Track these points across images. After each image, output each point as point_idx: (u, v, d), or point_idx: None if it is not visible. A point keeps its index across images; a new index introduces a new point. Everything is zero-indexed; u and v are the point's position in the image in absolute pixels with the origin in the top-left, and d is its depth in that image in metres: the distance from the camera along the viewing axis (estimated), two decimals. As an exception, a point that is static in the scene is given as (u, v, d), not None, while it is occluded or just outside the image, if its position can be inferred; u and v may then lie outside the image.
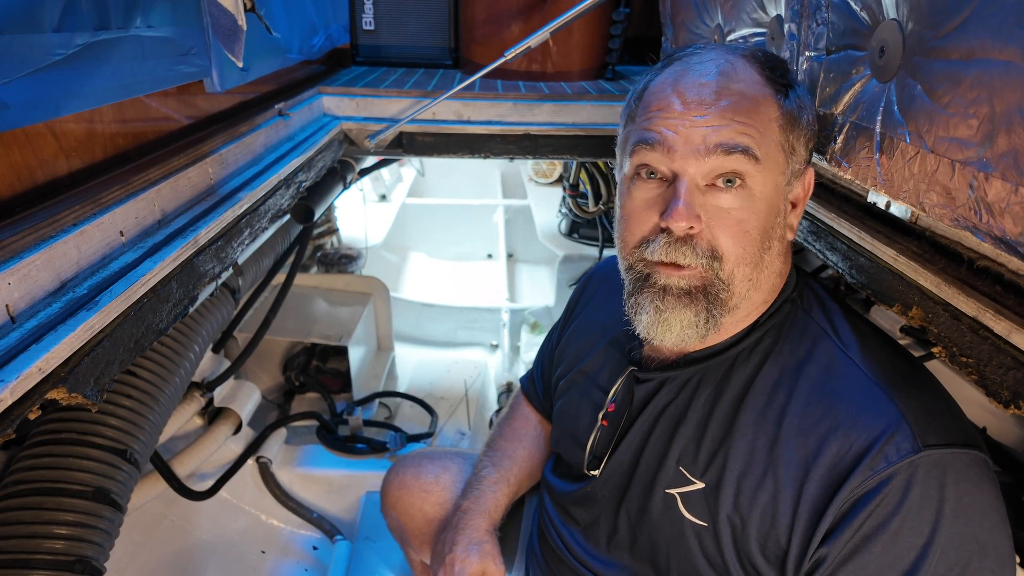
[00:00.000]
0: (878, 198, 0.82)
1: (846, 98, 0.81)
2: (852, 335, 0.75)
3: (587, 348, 1.01)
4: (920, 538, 0.62)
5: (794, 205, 0.78)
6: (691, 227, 0.70)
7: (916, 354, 0.94)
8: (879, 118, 0.73)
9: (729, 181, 0.70)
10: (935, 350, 0.71)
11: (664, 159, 0.72)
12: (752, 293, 0.76)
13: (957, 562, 0.62)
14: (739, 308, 0.76)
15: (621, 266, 0.80)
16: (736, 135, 0.69)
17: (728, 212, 0.71)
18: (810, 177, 0.78)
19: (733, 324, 0.80)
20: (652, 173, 0.74)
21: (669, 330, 0.75)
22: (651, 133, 0.73)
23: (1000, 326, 0.62)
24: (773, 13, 1.04)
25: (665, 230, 0.72)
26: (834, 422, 0.68)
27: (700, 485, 0.77)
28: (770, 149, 0.71)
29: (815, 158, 0.91)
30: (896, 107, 0.70)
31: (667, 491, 0.80)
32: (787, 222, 0.77)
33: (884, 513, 0.63)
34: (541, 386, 1.17)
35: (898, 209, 0.79)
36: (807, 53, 0.91)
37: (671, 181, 0.72)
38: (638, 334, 0.79)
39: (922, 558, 0.62)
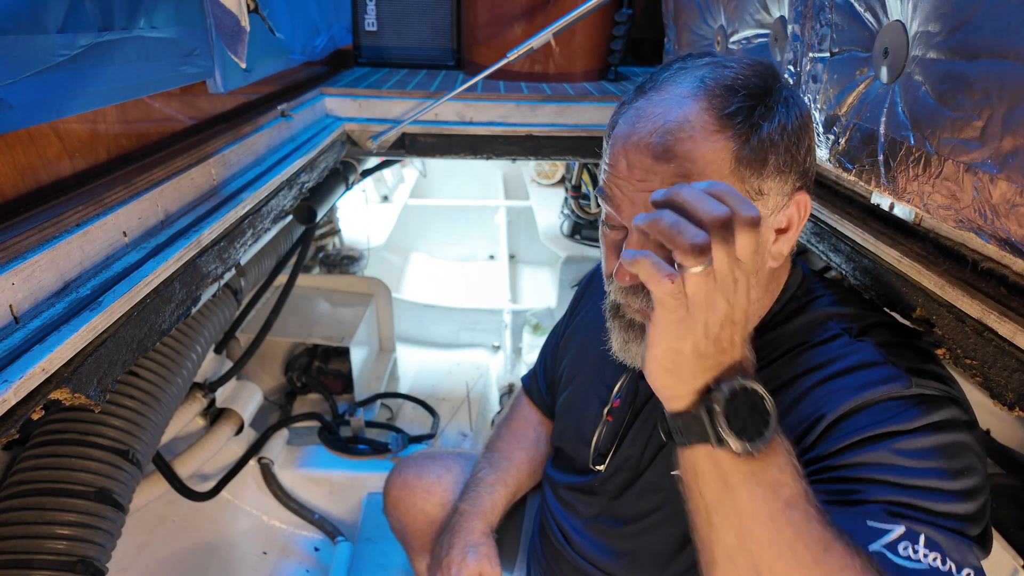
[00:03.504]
0: (882, 199, 0.82)
1: (850, 99, 0.81)
2: (856, 321, 0.75)
3: (591, 343, 1.01)
4: (914, 429, 0.62)
5: (784, 231, 0.73)
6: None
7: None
8: (883, 119, 0.73)
9: None
10: (939, 352, 0.71)
11: (615, 214, 0.73)
12: None
13: (934, 460, 0.61)
14: None
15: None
16: None
17: None
18: (802, 202, 0.72)
19: None
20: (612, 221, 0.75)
21: (632, 358, 0.78)
22: (604, 188, 0.74)
23: (1005, 328, 0.61)
24: (777, 14, 1.04)
25: None
26: (844, 390, 0.67)
27: None
28: None
29: (817, 157, 0.91)
30: (900, 108, 0.70)
31: (674, 472, 0.81)
32: (770, 251, 0.73)
33: (883, 422, 0.63)
34: (544, 384, 1.17)
35: (902, 210, 0.78)
36: (811, 54, 0.91)
37: (626, 233, 0.73)
38: None
39: (907, 438, 0.62)
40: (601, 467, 0.91)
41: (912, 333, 0.75)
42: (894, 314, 0.79)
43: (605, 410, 0.92)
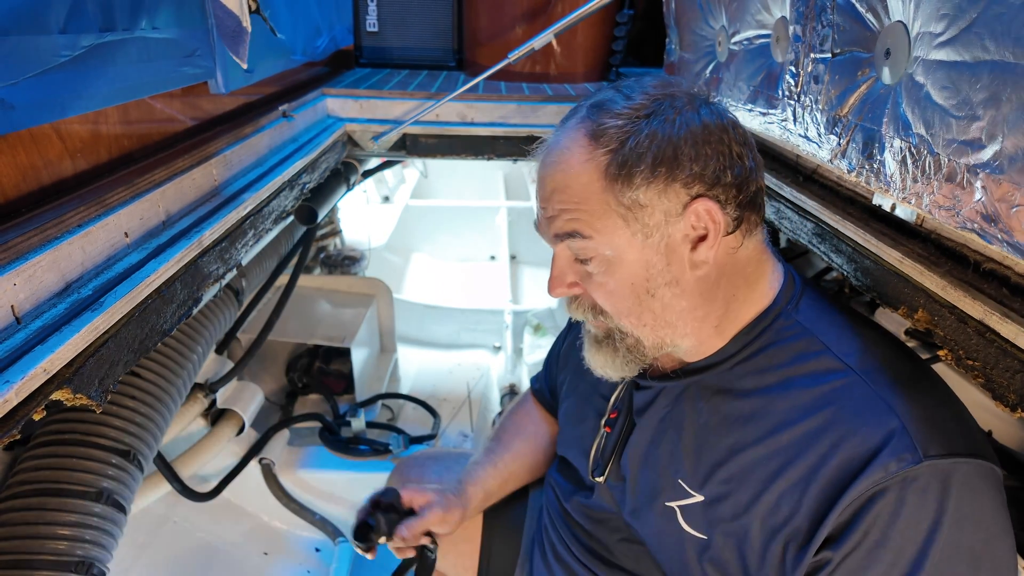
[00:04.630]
0: (884, 200, 0.81)
1: (851, 100, 0.81)
2: (853, 342, 0.73)
3: None
4: (915, 547, 0.62)
5: (702, 239, 0.72)
6: (570, 292, 0.79)
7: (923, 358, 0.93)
8: (885, 120, 0.73)
9: (583, 260, 0.76)
10: (941, 353, 0.71)
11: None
12: (667, 331, 0.76)
13: (950, 572, 0.62)
14: (670, 344, 0.78)
15: None
16: (564, 224, 0.74)
17: (592, 277, 0.76)
18: (701, 210, 0.71)
19: (698, 346, 0.79)
20: None
21: (595, 368, 0.84)
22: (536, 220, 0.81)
23: (1007, 329, 0.61)
24: (778, 15, 1.04)
25: None
26: (834, 435, 0.67)
27: (699, 498, 0.77)
28: (601, 221, 0.72)
29: (819, 158, 0.91)
30: (902, 109, 0.70)
31: (667, 504, 0.80)
32: (692, 260, 0.73)
33: (883, 523, 0.63)
34: (548, 388, 1.18)
35: (903, 211, 0.78)
36: (812, 55, 0.91)
37: None
38: None
39: (915, 569, 0.62)
40: (600, 478, 0.91)
41: (915, 359, 0.74)
42: (897, 315, 0.79)
43: (602, 421, 0.92)
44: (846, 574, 0.65)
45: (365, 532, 0.99)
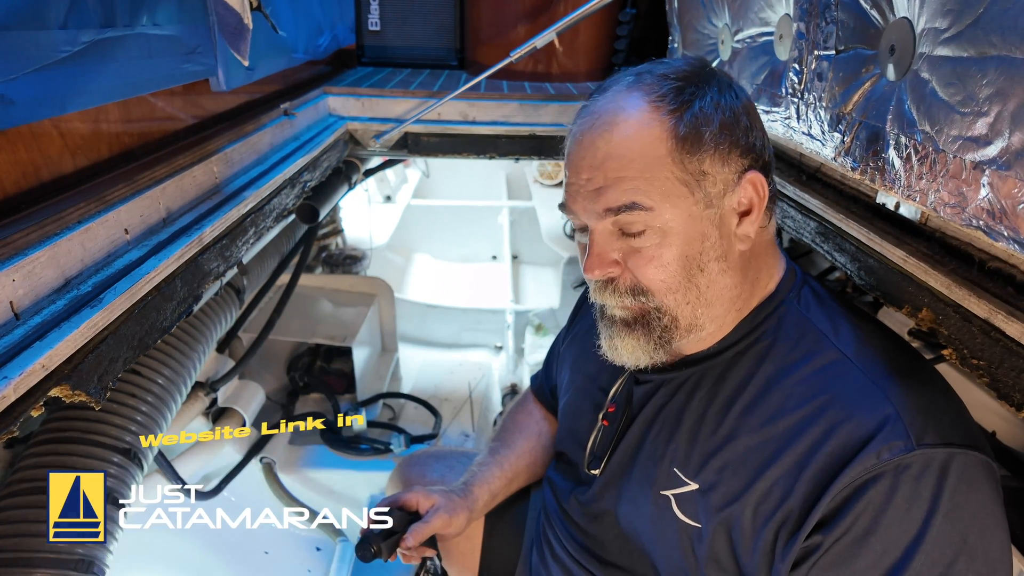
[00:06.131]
0: (887, 199, 0.81)
1: (856, 97, 0.80)
2: (851, 333, 0.73)
3: (589, 349, 1.01)
4: (907, 536, 0.62)
5: (747, 212, 0.72)
6: (610, 272, 0.74)
7: (925, 357, 0.93)
8: (889, 117, 0.73)
9: (632, 233, 0.72)
10: (945, 352, 0.71)
11: (576, 217, 0.76)
12: (704, 311, 0.75)
13: (941, 562, 0.61)
14: (700, 326, 0.76)
15: None
16: (621, 195, 0.70)
17: (641, 252, 0.72)
18: (756, 181, 0.71)
19: (711, 334, 0.79)
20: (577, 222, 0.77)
21: (619, 355, 0.80)
22: (564, 197, 0.78)
23: (1012, 328, 0.61)
24: (781, 12, 1.03)
25: None
26: (828, 422, 0.67)
27: (694, 487, 0.77)
28: (664, 189, 0.69)
29: (822, 156, 0.91)
30: (907, 106, 0.69)
31: (662, 492, 0.80)
32: (736, 234, 0.73)
33: (874, 510, 0.62)
34: (548, 385, 1.18)
35: (908, 210, 0.78)
36: (816, 52, 0.90)
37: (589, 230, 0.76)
38: None
39: (907, 557, 0.61)
40: (596, 471, 0.91)
41: (913, 353, 0.74)
42: (901, 315, 0.79)
43: (600, 415, 0.92)
44: (835, 559, 0.64)
45: (365, 551, 0.98)
